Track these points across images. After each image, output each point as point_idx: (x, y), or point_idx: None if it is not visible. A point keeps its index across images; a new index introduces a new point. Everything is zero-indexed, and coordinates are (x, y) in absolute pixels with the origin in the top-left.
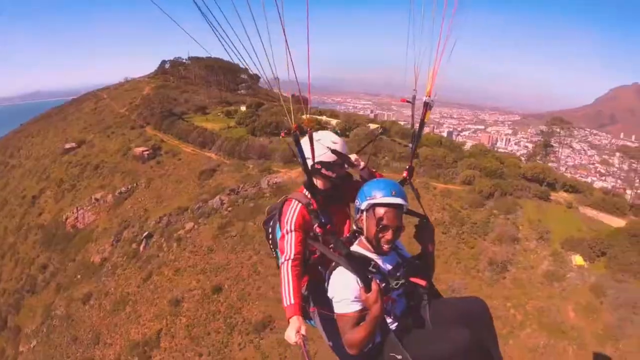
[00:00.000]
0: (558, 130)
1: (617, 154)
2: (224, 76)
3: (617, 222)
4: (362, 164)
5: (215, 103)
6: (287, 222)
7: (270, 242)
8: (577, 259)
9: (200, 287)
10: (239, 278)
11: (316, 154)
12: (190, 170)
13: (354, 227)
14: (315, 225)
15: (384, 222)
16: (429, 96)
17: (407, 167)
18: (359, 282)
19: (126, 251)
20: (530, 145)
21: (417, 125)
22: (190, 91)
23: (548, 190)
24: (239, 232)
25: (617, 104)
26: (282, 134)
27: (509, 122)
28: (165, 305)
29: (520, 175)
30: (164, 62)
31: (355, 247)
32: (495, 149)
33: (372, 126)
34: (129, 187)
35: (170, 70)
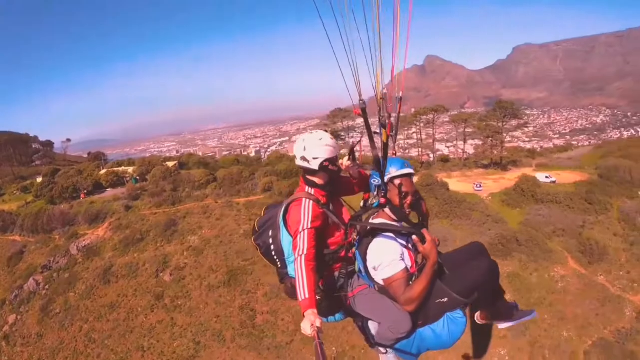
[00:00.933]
0: (339, 121)
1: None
2: (14, 150)
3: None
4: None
5: (8, 182)
6: (304, 220)
7: (273, 253)
8: None
9: None
10: (77, 353)
11: (324, 153)
12: None
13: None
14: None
15: (404, 189)
16: (402, 92)
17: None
18: (402, 242)
19: None
20: None
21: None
22: None
23: None
24: (63, 307)
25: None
26: (355, 112)
27: (310, 127)
28: None
29: None
30: None
31: (379, 220)
32: None
33: (170, 164)
34: None
35: None
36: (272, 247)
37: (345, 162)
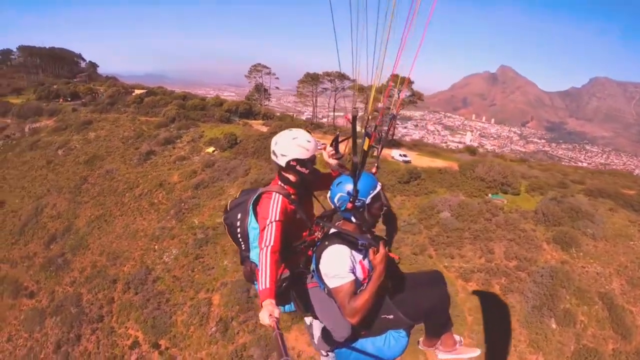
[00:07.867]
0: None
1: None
2: (61, 65)
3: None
4: (335, 161)
5: (34, 86)
6: (271, 213)
7: (239, 235)
8: (209, 149)
9: None
10: None
11: (293, 152)
12: None
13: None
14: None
15: (376, 204)
16: (397, 111)
17: (375, 165)
18: (357, 252)
19: None
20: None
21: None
22: (16, 77)
23: (229, 115)
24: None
25: (469, 90)
26: (346, 117)
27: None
28: None
29: (225, 110)
30: None
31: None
32: None
33: (139, 91)
34: None
35: None
36: (238, 229)
37: (327, 150)
